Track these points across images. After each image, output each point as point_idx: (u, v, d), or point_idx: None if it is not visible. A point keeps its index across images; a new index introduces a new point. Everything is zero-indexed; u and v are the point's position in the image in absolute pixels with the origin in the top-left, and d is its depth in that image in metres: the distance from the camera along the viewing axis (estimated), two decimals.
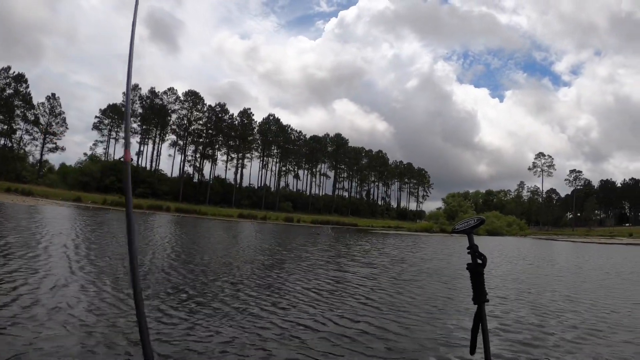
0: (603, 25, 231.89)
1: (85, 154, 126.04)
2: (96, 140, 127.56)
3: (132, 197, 2.36)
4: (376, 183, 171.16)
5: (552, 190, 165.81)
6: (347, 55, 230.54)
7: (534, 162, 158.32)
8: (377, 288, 12.77)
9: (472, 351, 2.79)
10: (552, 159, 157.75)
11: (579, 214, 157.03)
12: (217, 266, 15.50)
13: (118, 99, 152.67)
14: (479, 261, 2.72)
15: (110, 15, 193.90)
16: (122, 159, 2.69)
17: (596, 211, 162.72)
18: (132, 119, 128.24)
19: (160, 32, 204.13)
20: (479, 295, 2.71)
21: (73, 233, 23.02)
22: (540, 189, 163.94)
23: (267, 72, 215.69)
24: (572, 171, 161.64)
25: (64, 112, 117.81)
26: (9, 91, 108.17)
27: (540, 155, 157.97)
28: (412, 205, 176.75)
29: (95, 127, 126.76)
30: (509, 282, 16.09)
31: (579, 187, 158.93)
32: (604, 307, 11.39)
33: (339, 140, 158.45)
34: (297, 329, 7.85)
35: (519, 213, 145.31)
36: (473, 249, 2.72)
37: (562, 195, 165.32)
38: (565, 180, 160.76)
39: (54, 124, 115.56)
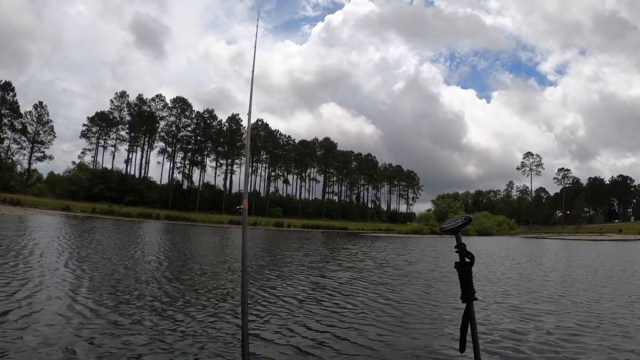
0: (587, 24, 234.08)
1: (73, 162, 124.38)
2: (84, 149, 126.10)
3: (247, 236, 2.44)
4: (366, 186, 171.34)
5: (541, 189, 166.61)
6: (334, 59, 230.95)
7: (522, 162, 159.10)
8: (354, 294, 12.56)
9: (462, 349, 2.89)
10: (540, 158, 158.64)
11: (568, 212, 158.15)
12: (193, 274, 15.26)
13: (105, 105, 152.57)
14: (467, 260, 2.84)
15: (96, 21, 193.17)
16: (240, 209, 2.95)
17: (585, 209, 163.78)
18: (120, 126, 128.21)
19: (146, 38, 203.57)
20: (468, 294, 2.83)
21: (61, 242, 22.93)
22: (529, 188, 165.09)
23: (257, 77, 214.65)
24: (560, 170, 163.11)
25: (51, 121, 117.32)
26: None
27: (528, 154, 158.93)
28: (403, 208, 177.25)
29: (83, 135, 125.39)
30: (491, 284, 16.08)
31: (567, 186, 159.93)
32: (586, 309, 11.36)
33: (327, 145, 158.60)
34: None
35: (508, 213, 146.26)
36: (461, 248, 2.86)
37: (551, 193, 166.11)
38: (554, 179, 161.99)
39: (41, 132, 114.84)
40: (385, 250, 36.45)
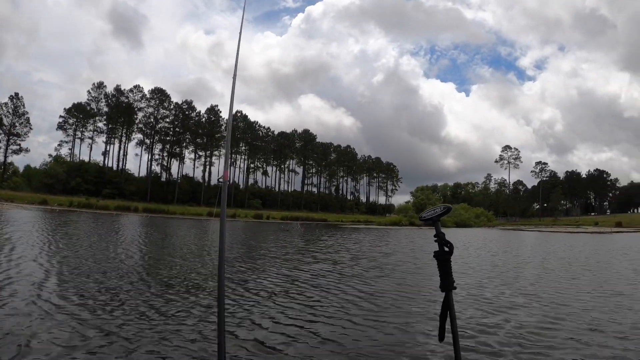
0: (567, 20, 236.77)
1: (50, 155, 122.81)
2: (61, 141, 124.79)
3: (226, 210, 2.51)
4: (345, 178, 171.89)
5: (518, 182, 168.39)
6: (313, 51, 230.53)
7: (500, 155, 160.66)
8: (323, 287, 12.58)
9: (441, 338, 2.95)
10: (519, 151, 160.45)
11: (545, 205, 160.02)
12: (166, 268, 15.10)
13: (82, 97, 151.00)
14: (446, 249, 2.85)
15: (73, 12, 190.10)
16: (220, 180, 2.90)
17: (562, 201, 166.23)
18: (97, 117, 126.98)
19: (123, 28, 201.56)
20: (446, 283, 2.84)
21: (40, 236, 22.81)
22: (507, 181, 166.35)
23: (232, 68, 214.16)
24: (537, 163, 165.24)
25: (27, 112, 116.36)
26: None
27: (506, 148, 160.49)
28: (382, 200, 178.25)
29: (60, 127, 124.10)
30: (466, 276, 16.22)
31: (545, 179, 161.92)
32: (559, 301, 11.40)
33: (307, 136, 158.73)
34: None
35: (486, 205, 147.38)
36: (440, 237, 2.86)
37: (529, 186, 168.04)
38: (532, 172, 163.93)
39: (17, 124, 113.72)
40: (362, 242, 36.62)
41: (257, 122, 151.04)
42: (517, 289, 13.31)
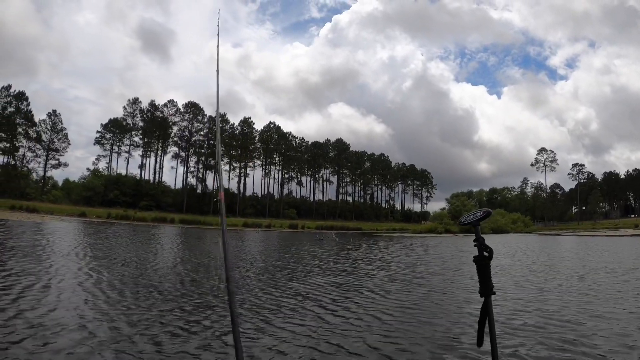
0: (596, 14, 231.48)
1: (88, 168, 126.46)
2: (98, 155, 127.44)
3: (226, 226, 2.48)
4: (379, 186, 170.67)
5: (555, 185, 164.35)
6: (340, 59, 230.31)
7: (536, 158, 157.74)
8: (334, 302, 11.93)
9: (480, 343, 2.89)
10: (555, 154, 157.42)
11: (584, 208, 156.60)
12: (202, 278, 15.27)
13: (116, 111, 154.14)
14: (486, 254, 2.85)
15: (102, 30, 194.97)
16: (217, 200, 2.91)
17: (601, 204, 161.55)
18: (133, 132, 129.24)
19: (152, 43, 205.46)
20: (486, 288, 2.84)
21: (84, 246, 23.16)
22: (544, 184, 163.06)
23: (264, 79, 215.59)
24: (574, 165, 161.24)
25: (65, 128, 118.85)
26: (10, 109, 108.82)
27: (542, 150, 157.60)
28: (417, 207, 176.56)
29: (97, 141, 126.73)
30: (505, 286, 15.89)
31: (582, 181, 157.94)
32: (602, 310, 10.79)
33: (340, 145, 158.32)
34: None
35: (523, 210, 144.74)
36: (479, 242, 2.86)
37: (566, 189, 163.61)
38: (569, 174, 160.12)
39: (56, 140, 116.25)
40: (392, 250, 36.12)
41: (291, 132, 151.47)
42: (560, 297, 12.79)
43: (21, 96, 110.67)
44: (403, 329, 8.46)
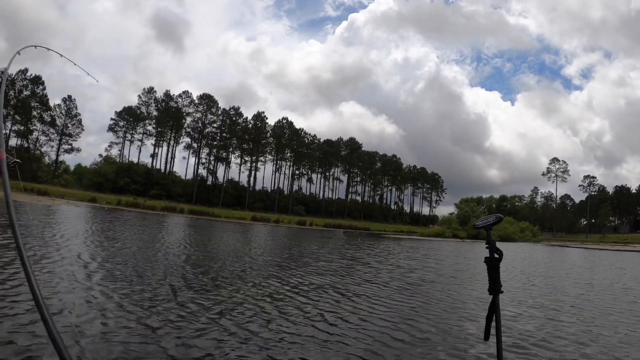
0: (612, 24, 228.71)
1: (100, 155, 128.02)
2: (111, 142, 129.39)
3: (10, 194, 2.38)
4: (389, 187, 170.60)
5: (566, 196, 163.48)
6: (354, 58, 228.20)
7: (548, 168, 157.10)
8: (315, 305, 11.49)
9: (487, 337, 3.08)
10: (567, 164, 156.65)
11: (593, 221, 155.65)
12: (211, 270, 15.14)
13: (129, 99, 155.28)
14: (496, 255, 3.03)
15: (117, 18, 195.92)
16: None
17: (610, 218, 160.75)
18: (147, 121, 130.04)
19: (166, 33, 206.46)
20: (494, 287, 3.01)
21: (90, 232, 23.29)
22: (554, 194, 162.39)
23: (277, 74, 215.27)
24: (586, 177, 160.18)
25: (79, 114, 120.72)
26: (25, 93, 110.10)
27: (554, 160, 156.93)
28: (425, 210, 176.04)
29: (111, 128, 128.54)
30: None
31: (593, 194, 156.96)
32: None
33: (352, 144, 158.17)
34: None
35: (532, 219, 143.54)
36: (491, 244, 3.03)
37: (577, 201, 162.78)
38: (579, 186, 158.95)
39: (70, 125, 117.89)
40: (392, 253, 35.95)
41: (303, 129, 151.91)
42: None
43: (37, 80, 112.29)
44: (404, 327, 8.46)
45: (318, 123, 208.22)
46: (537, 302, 12.51)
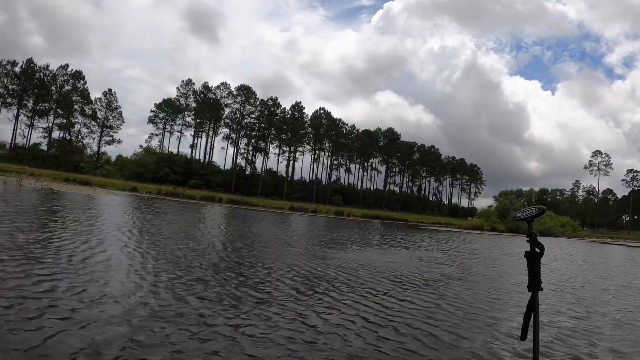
0: None
1: (140, 146, 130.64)
2: (151, 133, 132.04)
3: None
4: (428, 178, 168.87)
5: (608, 191, 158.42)
6: (389, 47, 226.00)
7: (590, 160, 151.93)
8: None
9: (523, 337, 2.94)
10: (610, 157, 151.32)
11: (635, 217, 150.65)
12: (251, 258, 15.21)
13: (166, 91, 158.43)
14: (537, 250, 2.83)
15: (151, 12, 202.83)
16: None
17: None
18: (186, 112, 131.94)
19: (200, 26, 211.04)
20: (534, 283, 2.84)
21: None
22: (596, 189, 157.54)
23: (311, 64, 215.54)
24: (629, 171, 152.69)
25: (120, 107, 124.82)
26: (67, 87, 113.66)
27: (597, 153, 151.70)
28: (464, 202, 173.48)
29: (150, 120, 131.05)
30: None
31: (636, 188, 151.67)
32: None
33: (390, 135, 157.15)
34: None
35: (573, 213, 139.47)
36: (532, 238, 2.84)
37: (619, 195, 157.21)
38: (622, 180, 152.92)
39: (110, 117, 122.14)
40: (423, 246, 35.37)
41: (341, 119, 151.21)
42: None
43: (78, 75, 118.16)
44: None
45: (354, 112, 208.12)
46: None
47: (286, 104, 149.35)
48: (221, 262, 12.49)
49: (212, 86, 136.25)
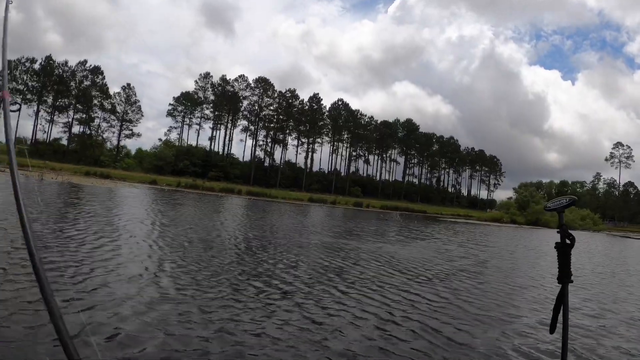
0: None
1: (159, 139, 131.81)
2: (170, 126, 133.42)
3: (14, 149, 1.87)
4: (447, 170, 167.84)
5: (629, 184, 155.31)
6: (406, 37, 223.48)
7: (611, 153, 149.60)
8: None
9: (552, 330, 2.84)
10: (631, 149, 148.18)
11: None
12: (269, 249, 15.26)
13: (183, 85, 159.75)
14: (568, 241, 2.73)
15: (167, 7, 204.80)
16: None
17: None
18: (204, 105, 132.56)
19: (216, 19, 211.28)
20: (564, 275, 2.73)
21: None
22: (617, 181, 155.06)
23: (327, 55, 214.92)
24: None
25: (139, 100, 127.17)
26: (86, 83, 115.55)
27: (618, 145, 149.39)
28: (483, 194, 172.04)
29: (169, 113, 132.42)
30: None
31: None
32: None
33: (409, 126, 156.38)
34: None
35: (594, 206, 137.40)
36: (562, 229, 2.74)
37: None
38: None
39: (129, 112, 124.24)
40: (441, 239, 35.18)
41: (359, 110, 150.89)
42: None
43: (96, 70, 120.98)
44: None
45: (372, 103, 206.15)
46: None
47: (304, 95, 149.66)
48: (246, 253, 12.47)
49: (229, 79, 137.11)
